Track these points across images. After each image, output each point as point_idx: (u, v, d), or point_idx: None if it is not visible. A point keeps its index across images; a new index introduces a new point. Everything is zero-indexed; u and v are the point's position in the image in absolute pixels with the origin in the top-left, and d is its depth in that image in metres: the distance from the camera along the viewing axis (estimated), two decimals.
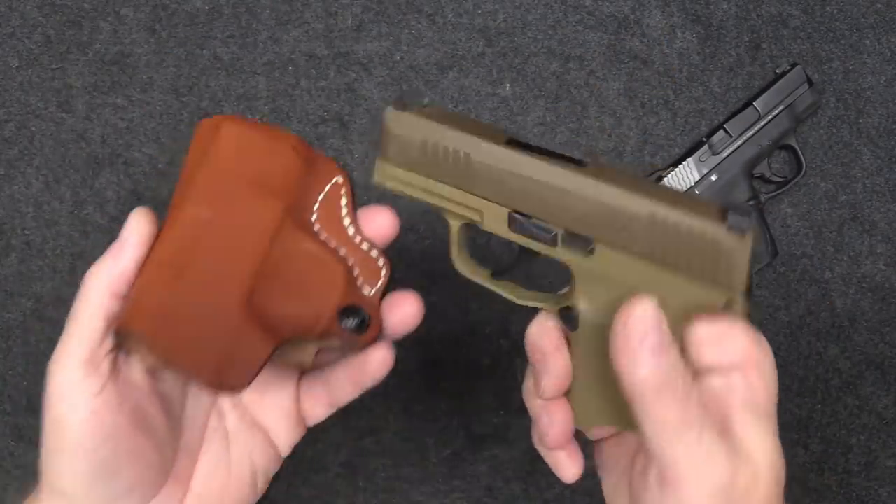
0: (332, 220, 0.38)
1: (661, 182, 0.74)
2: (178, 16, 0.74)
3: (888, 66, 0.78)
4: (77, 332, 0.37)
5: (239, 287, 0.35)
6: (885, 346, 0.77)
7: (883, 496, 0.77)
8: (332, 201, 0.39)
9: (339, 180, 0.39)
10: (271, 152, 0.37)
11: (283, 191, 0.37)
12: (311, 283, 0.37)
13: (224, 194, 0.36)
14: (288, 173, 0.37)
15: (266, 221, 0.36)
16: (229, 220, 0.36)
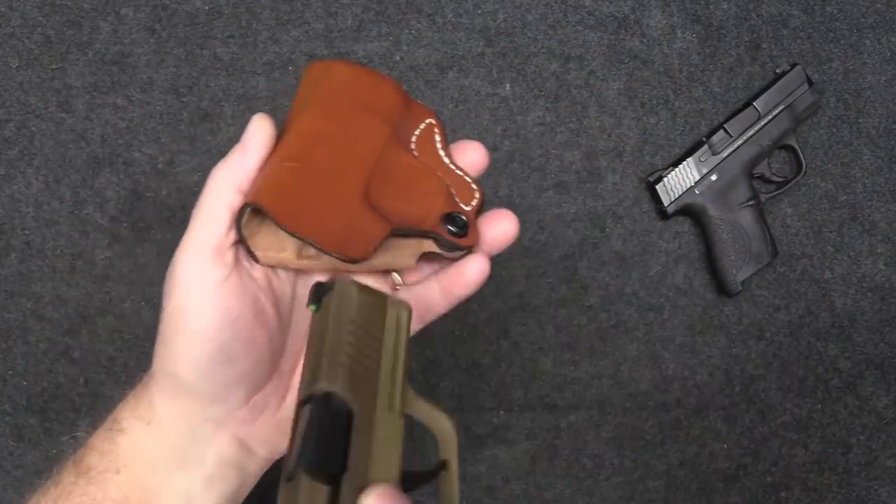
0: (429, 151, 0.42)
1: (661, 182, 0.74)
2: (178, 16, 0.74)
3: (888, 66, 0.78)
4: (204, 223, 0.37)
5: (356, 179, 0.38)
6: (885, 346, 0.77)
7: (883, 496, 0.77)
8: (428, 136, 0.43)
9: (431, 121, 0.43)
10: (378, 85, 0.41)
11: (388, 115, 0.41)
12: (416, 188, 0.40)
13: (338, 111, 0.39)
14: (391, 104, 0.41)
15: (376, 135, 0.40)
16: (344, 130, 0.39)
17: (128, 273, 0.72)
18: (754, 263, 0.74)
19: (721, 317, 0.76)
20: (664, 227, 0.76)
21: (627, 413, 0.75)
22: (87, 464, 0.39)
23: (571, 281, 0.75)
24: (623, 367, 0.75)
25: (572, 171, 0.75)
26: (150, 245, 0.72)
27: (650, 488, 0.75)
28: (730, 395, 0.76)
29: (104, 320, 0.72)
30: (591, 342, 0.75)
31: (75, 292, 0.72)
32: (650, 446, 0.75)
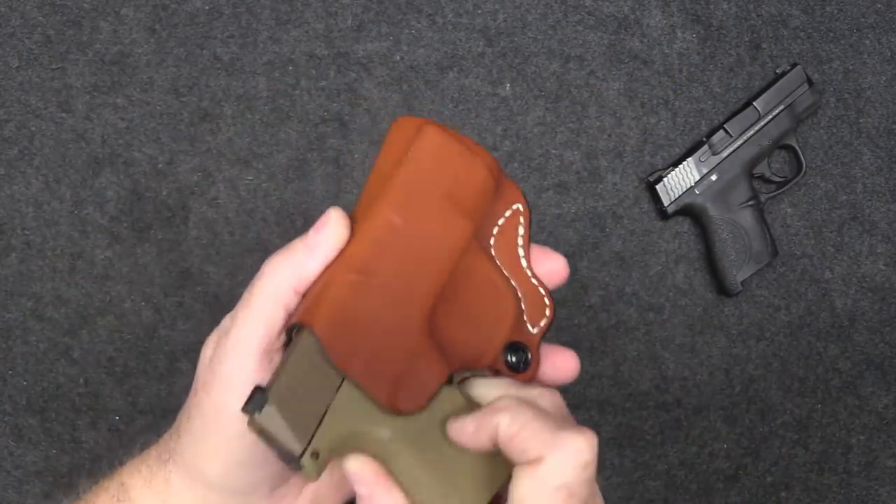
0: (508, 248, 0.37)
1: (661, 182, 0.74)
2: (178, 16, 0.74)
3: (888, 66, 0.78)
4: (256, 323, 0.35)
5: (423, 303, 0.34)
6: (885, 346, 0.77)
7: (883, 496, 0.77)
8: (510, 229, 0.37)
9: (519, 208, 0.37)
10: (468, 167, 0.36)
11: (473, 210, 0.36)
12: (485, 310, 0.36)
13: (419, 202, 0.35)
14: (479, 192, 0.36)
15: (456, 239, 0.35)
16: (421, 230, 0.35)
17: (128, 273, 0.72)
18: (754, 263, 0.74)
19: (721, 317, 0.76)
20: (664, 227, 0.76)
21: (627, 413, 0.75)
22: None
23: (571, 281, 0.75)
24: (623, 367, 0.75)
25: (572, 171, 0.75)
26: (150, 245, 0.72)
27: (650, 488, 0.75)
28: (730, 395, 0.76)
29: (104, 320, 0.72)
30: (591, 342, 0.75)
31: (75, 292, 0.72)
32: (650, 446, 0.75)
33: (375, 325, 0.33)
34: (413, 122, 0.36)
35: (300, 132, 0.74)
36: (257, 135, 0.73)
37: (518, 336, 0.36)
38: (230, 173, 0.73)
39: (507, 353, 0.36)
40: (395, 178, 0.35)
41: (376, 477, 0.32)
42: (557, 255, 0.38)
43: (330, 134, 0.74)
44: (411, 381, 0.33)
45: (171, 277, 0.72)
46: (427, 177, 0.35)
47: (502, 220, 0.37)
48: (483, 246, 0.36)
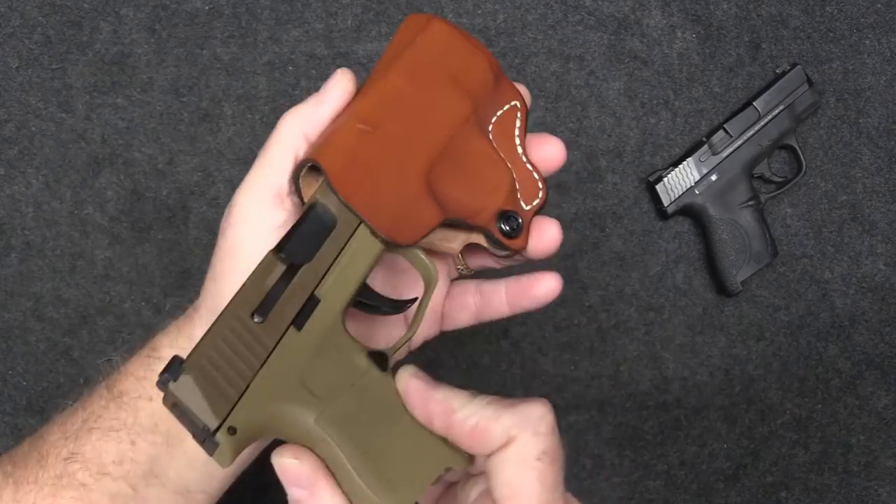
0: (505, 136, 0.41)
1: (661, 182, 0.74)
2: (178, 16, 0.74)
3: (888, 66, 0.78)
4: (267, 166, 0.37)
5: (423, 156, 0.37)
6: (885, 346, 0.77)
7: (883, 496, 0.77)
8: (508, 120, 0.41)
9: (516, 104, 0.41)
10: (470, 57, 0.39)
11: (473, 92, 0.39)
12: (481, 178, 0.39)
13: (425, 75, 0.38)
14: (480, 80, 0.39)
15: (455, 111, 0.38)
16: (425, 98, 0.38)
17: (128, 273, 0.72)
18: (754, 263, 0.74)
19: (721, 317, 0.76)
20: (664, 227, 0.76)
21: (627, 413, 0.75)
22: (121, 388, 0.39)
23: (571, 281, 0.75)
24: (623, 367, 0.75)
25: (572, 171, 0.75)
26: (150, 245, 0.72)
27: (650, 488, 0.75)
28: (730, 395, 0.76)
29: (104, 320, 0.72)
30: (591, 342, 0.75)
31: (75, 292, 0.72)
32: (650, 446, 0.75)
33: (378, 168, 0.36)
34: (422, 17, 0.40)
35: None
36: (257, 135, 0.73)
37: (511, 206, 0.40)
38: (230, 173, 0.73)
39: (500, 221, 0.39)
40: (404, 54, 0.38)
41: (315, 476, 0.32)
42: (554, 140, 0.41)
43: None
44: (409, 218, 0.36)
45: (171, 277, 0.72)
46: (433, 58, 0.39)
47: (500, 112, 0.41)
48: (483, 127, 0.40)
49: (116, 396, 0.39)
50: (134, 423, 0.38)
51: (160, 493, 0.39)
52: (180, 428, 0.34)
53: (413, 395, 0.32)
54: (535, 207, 0.40)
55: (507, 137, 0.41)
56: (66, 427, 0.40)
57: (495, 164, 0.40)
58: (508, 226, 0.39)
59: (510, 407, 0.30)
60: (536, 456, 0.30)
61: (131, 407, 0.39)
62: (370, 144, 0.36)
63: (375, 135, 0.36)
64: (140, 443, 0.38)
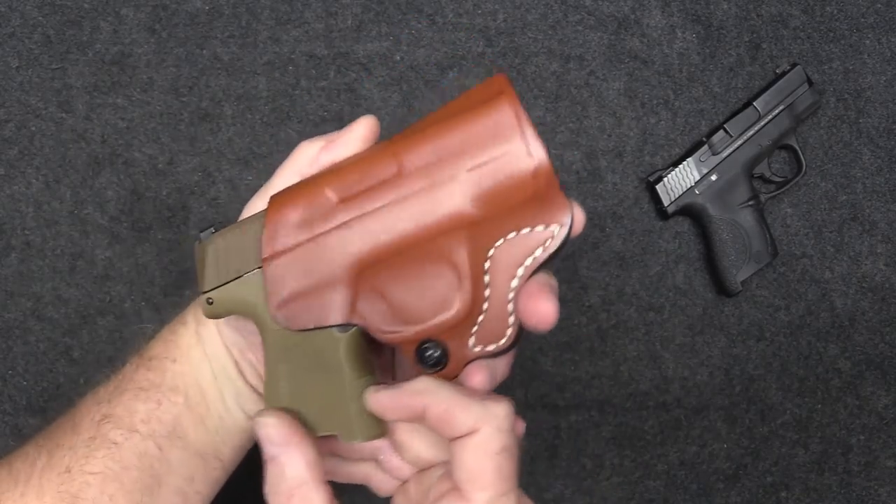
0: (509, 261, 0.34)
1: (661, 182, 0.74)
2: (178, 16, 0.74)
3: (888, 66, 0.78)
4: (277, 181, 0.40)
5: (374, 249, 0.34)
6: (885, 346, 0.77)
7: (883, 496, 0.77)
8: (528, 244, 0.33)
9: (555, 231, 0.33)
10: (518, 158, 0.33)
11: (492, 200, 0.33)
12: (431, 294, 0.34)
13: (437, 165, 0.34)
14: (511, 188, 0.33)
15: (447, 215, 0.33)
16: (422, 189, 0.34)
17: (128, 273, 0.72)
18: (754, 263, 0.74)
19: (721, 317, 0.76)
20: (664, 227, 0.76)
21: (627, 413, 0.75)
22: (151, 353, 0.42)
23: (571, 281, 0.75)
24: (623, 367, 0.75)
25: (572, 171, 0.75)
26: (150, 245, 0.72)
27: (650, 488, 0.75)
28: (730, 395, 0.76)
29: (104, 320, 0.72)
30: (591, 342, 0.75)
31: (75, 292, 0.72)
32: (650, 446, 0.75)
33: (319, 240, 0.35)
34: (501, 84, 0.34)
35: (300, 132, 0.74)
36: (257, 135, 0.73)
37: (449, 338, 0.34)
38: (230, 173, 0.73)
39: (424, 347, 0.34)
40: (439, 127, 0.34)
41: (290, 436, 0.35)
42: (550, 303, 0.34)
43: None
44: (311, 302, 0.35)
45: (171, 277, 0.72)
46: (467, 144, 0.33)
47: (525, 231, 0.33)
48: (480, 242, 0.34)
49: (147, 360, 0.42)
50: (161, 384, 0.41)
51: (182, 454, 0.41)
52: (199, 390, 0.41)
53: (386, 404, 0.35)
54: (488, 353, 0.34)
55: (511, 264, 0.33)
56: (99, 394, 0.42)
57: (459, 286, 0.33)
58: (430, 355, 0.34)
59: (478, 400, 0.33)
60: (496, 450, 0.32)
61: (159, 368, 0.41)
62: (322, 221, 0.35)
63: (338, 208, 0.35)
64: (165, 402, 0.41)
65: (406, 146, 0.34)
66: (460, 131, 0.33)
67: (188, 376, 0.41)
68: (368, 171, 0.35)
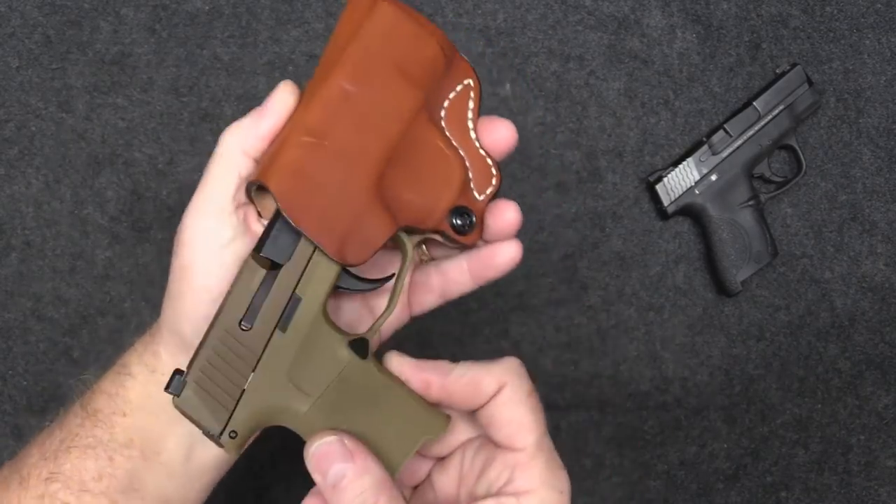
0: (458, 120, 0.39)
1: (661, 182, 0.74)
2: (178, 16, 0.74)
3: (888, 66, 0.78)
4: (210, 185, 0.39)
5: (372, 165, 0.36)
6: (885, 346, 0.77)
7: (883, 496, 0.77)
8: (461, 102, 0.39)
9: (470, 83, 0.39)
10: (419, 41, 0.37)
11: (423, 82, 0.37)
12: (432, 175, 0.38)
13: (371, 72, 0.37)
14: (430, 66, 0.38)
15: (405, 107, 0.37)
16: (372, 98, 0.37)
17: (128, 273, 0.72)
18: (754, 263, 0.74)
19: (721, 317, 0.76)
20: (664, 227, 0.76)
21: (627, 413, 0.75)
22: (95, 406, 0.40)
23: (571, 281, 0.75)
24: (623, 367, 0.75)
25: (572, 171, 0.75)
26: (150, 245, 0.72)
27: (650, 488, 0.75)
28: (730, 395, 0.76)
29: (104, 320, 0.72)
30: (591, 342, 0.75)
31: (75, 292, 0.72)
32: (650, 446, 0.75)
33: (327, 183, 0.36)
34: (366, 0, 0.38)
35: None
36: None
37: (464, 201, 0.39)
38: None
39: (453, 216, 0.39)
40: (347, 50, 0.37)
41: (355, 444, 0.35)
42: (504, 122, 0.40)
43: None
44: (359, 235, 0.36)
45: None
46: (379, 49, 0.37)
47: (453, 94, 0.39)
48: (433, 117, 0.38)
49: (91, 414, 0.40)
50: (110, 440, 0.39)
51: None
52: (156, 441, 0.39)
53: (407, 370, 0.37)
54: (489, 196, 0.40)
55: (460, 121, 0.39)
56: (45, 447, 0.40)
57: (446, 158, 0.38)
58: (461, 221, 0.39)
59: (492, 363, 0.37)
60: (527, 393, 0.36)
61: (106, 423, 0.40)
62: (317, 159, 0.36)
63: (322, 147, 0.36)
64: (117, 458, 0.39)
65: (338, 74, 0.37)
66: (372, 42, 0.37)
67: (143, 430, 0.40)
68: (326, 108, 0.36)
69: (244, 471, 0.71)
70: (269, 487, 0.71)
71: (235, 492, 0.71)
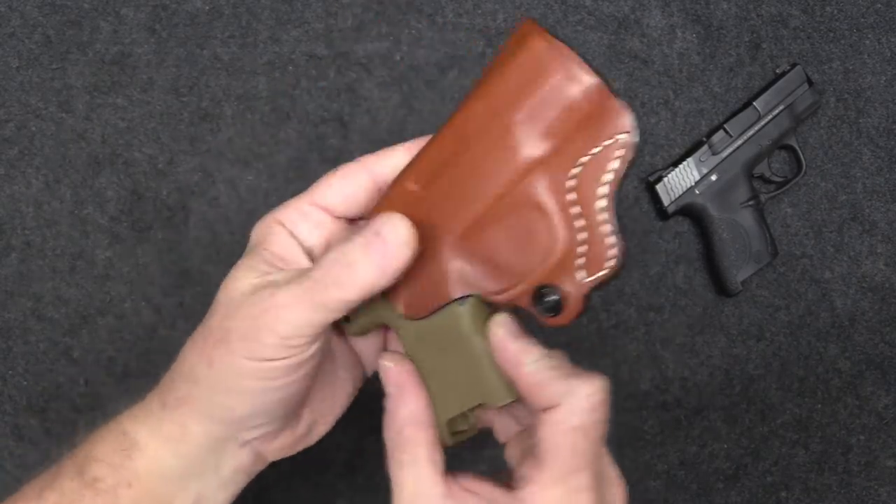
0: (589, 183, 0.34)
1: (661, 182, 0.74)
2: (178, 16, 0.74)
3: (888, 66, 0.78)
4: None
5: (465, 218, 0.35)
6: (885, 346, 0.77)
7: (883, 496, 0.77)
8: (602, 161, 0.34)
9: (623, 139, 0.33)
10: (563, 87, 0.33)
11: (553, 134, 0.33)
12: (530, 242, 0.35)
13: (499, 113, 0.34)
14: (568, 116, 0.33)
15: (522, 159, 0.34)
16: (490, 142, 0.34)
17: (128, 273, 0.72)
18: (754, 263, 0.74)
19: (721, 317, 0.76)
20: (664, 227, 0.76)
21: (627, 413, 0.75)
22: (94, 475, 0.38)
23: None
24: (623, 367, 0.75)
25: None
26: (150, 245, 0.72)
27: (650, 488, 0.75)
28: (730, 395, 0.76)
29: (104, 320, 0.72)
30: (591, 342, 0.75)
31: (75, 292, 0.72)
32: (650, 446, 0.75)
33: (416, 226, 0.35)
34: (527, 27, 0.34)
35: (300, 132, 0.74)
36: (257, 135, 0.73)
37: (556, 279, 0.35)
38: (230, 173, 0.73)
39: (539, 296, 0.35)
40: (481, 86, 0.35)
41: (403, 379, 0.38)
42: None
43: (330, 134, 0.74)
44: (425, 286, 0.36)
45: (171, 277, 0.72)
46: (516, 87, 0.33)
47: (596, 150, 0.33)
48: (558, 173, 0.34)
49: (90, 484, 0.37)
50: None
51: None
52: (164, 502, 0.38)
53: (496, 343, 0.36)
54: (596, 280, 0.34)
55: (592, 183, 0.34)
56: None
57: (551, 229, 0.34)
58: (547, 302, 0.35)
59: (568, 376, 0.35)
60: (573, 426, 0.33)
61: (109, 494, 0.37)
62: (415, 211, 0.35)
63: (423, 197, 0.36)
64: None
65: (459, 117, 0.35)
66: (504, 81, 0.34)
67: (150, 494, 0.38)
68: (436, 153, 0.36)
69: None
70: (269, 487, 0.71)
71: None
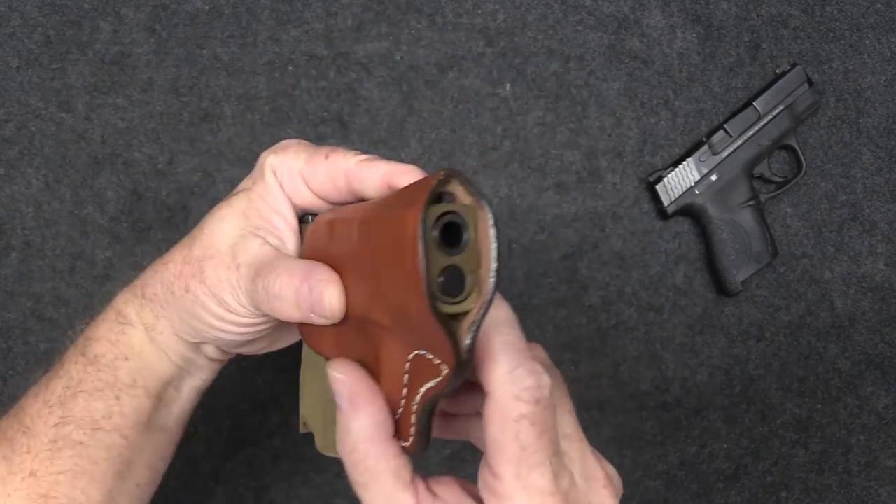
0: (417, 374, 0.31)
1: (661, 182, 0.74)
2: (178, 16, 0.74)
3: (888, 66, 0.78)
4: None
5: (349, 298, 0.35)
6: (885, 346, 0.77)
7: (883, 496, 0.77)
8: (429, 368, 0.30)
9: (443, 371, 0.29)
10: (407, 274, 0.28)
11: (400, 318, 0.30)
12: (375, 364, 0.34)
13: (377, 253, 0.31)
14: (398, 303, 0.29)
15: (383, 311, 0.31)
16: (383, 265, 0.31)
17: (128, 273, 0.72)
18: (754, 263, 0.74)
19: (721, 317, 0.76)
20: (664, 227, 0.76)
21: (627, 413, 0.75)
22: (95, 353, 0.43)
23: (571, 281, 0.75)
24: (623, 367, 0.75)
25: (572, 171, 0.75)
26: (150, 245, 0.72)
27: (650, 488, 0.75)
28: (730, 395, 0.76)
29: None
30: (591, 342, 0.75)
31: (75, 292, 0.72)
32: (650, 446, 0.75)
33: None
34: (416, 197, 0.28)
35: (300, 132, 0.74)
36: (257, 135, 0.73)
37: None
38: (230, 173, 0.73)
39: None
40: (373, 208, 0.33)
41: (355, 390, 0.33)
42: None
43: (330, 134, 0.74)
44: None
45: None
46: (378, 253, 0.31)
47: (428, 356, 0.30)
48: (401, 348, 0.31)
49: (93, 361, 0.43)
50: (115, 382, 0.42)
51: (148, 436, 0.44)
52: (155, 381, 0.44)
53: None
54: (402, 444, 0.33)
55: (419, 376, 0.31)
56: (47, 396, 0.42)
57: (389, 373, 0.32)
58: None
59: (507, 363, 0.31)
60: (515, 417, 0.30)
61: (110, 367, 0.43)
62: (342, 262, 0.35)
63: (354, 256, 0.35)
64: (124, 397, 0.43)
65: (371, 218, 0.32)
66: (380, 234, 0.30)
67: (145, 370, 0.43)
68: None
69: (244, 471, 0.71)
70: (269, 487, 0.71)
71: (235, 492, 0.71)
